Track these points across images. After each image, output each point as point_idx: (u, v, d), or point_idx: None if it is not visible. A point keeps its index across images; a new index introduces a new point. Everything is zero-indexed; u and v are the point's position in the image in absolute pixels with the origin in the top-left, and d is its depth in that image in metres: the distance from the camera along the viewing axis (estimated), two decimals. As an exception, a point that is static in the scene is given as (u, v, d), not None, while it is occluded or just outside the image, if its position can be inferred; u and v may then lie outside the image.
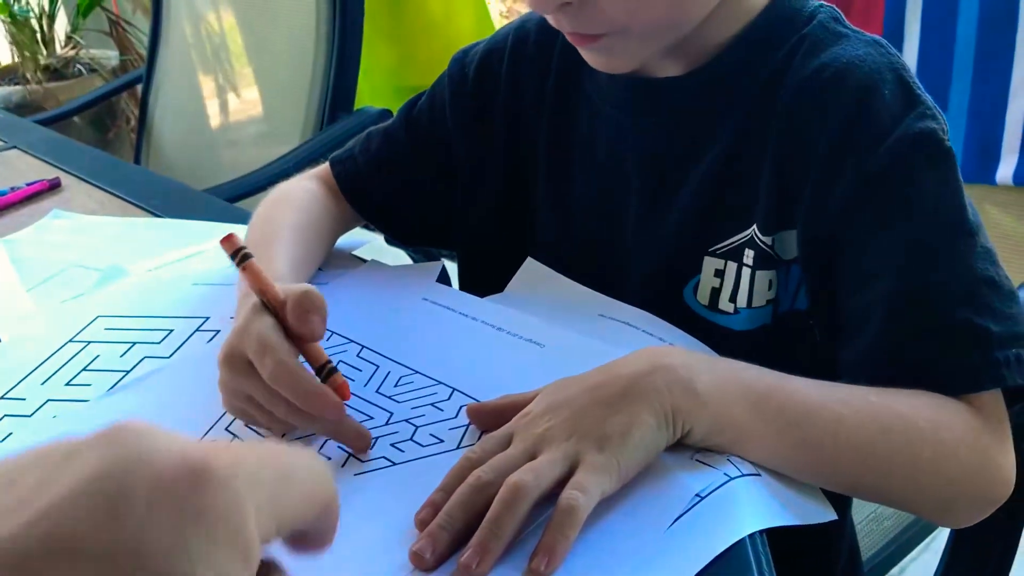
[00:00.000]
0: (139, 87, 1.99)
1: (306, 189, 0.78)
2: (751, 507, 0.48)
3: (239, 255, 0.56)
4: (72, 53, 2.98)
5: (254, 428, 0.58)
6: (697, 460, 0.50)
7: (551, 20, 0.60)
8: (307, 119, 1.63)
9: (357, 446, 0.55)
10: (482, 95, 0.75)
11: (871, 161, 0.57)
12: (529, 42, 0.74)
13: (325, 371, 0.55)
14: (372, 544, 0.48)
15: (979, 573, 0.90)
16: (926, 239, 0.56)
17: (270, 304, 0.56)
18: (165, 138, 1.97)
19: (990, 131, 1.25)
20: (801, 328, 0.63)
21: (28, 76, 2.90)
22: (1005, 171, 1.24)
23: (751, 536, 0.46)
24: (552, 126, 0.73)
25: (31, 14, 2.92)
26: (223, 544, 0.27)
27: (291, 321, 0.54)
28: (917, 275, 0.55)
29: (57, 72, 2.94)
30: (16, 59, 2.98)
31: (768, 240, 0.62)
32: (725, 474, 0.49)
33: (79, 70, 2.96)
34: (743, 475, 0.50)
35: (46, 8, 2.93)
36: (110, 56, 3.03)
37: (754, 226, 0.62)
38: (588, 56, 0.63)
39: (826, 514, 0.51)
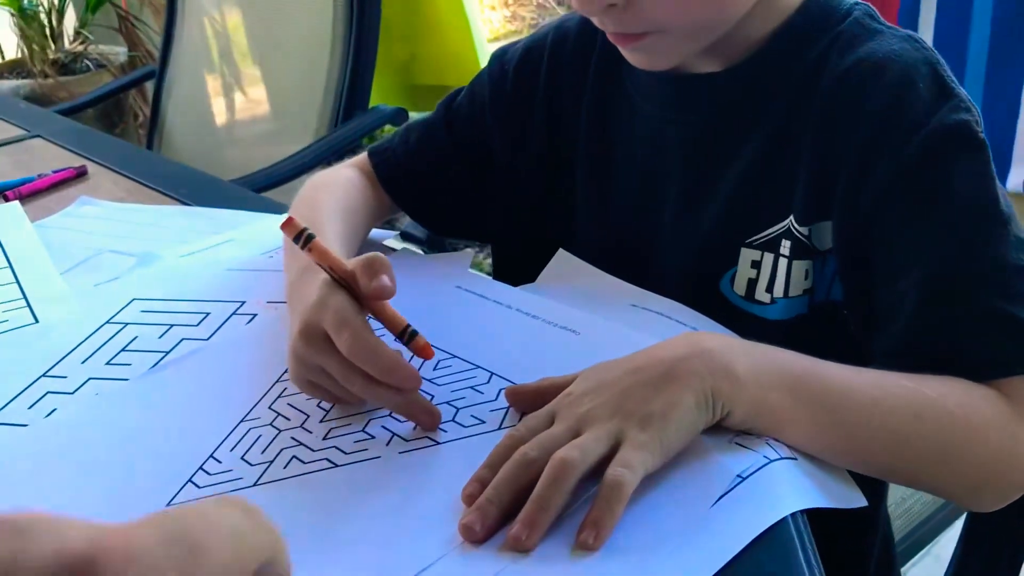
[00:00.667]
0: (148, 83, 2.00)
1: (347, 176, 0.79)
2: (790, 488, 0.49)
3: (303, 236, 0.57)
4: (81, 48, 2.99)
5: (294, 406, 0.59)
6: (736, 443, 0.51)
7: (595, 21, 0.62)
8: (321, 117, 1.64)
9: (425, 422, 0.56)
10: (522, 93, 0.77)
11: (905, 152, 0.58)
12: (569, 41, 0.75)
13: (407, 334, 0.57)
14: (420, 519, 0.49)
15: (992, 570, 0.91)
16: (959, 228, 0.57)
17: (341, 279, 0.57)
18: (177, 135, 1.97)
19: (1002, 139, 1.27)
20: (836, 318, 0.64)
21: (35, 70, 2.90)
22: (1016, 179, 1.26)
23: (793, 515, 0.47)
24: (592, 124, 0.74)
25: (40, 8, 2.93)
26: None
27: (362, 282, 0.55)
28: (950, 264, 0.57)
29: (65, 67, 2.95)
30: (23, 53, 2.98)
31: (805, 231, 0.63)
32: (764, 456, 0.51)
33: (87, 65, 2.97)
34: (781, 458, 0.51)
35: (55, 3, 2.94)
36: (118, 52, 3.03)
37: (791, 217, 0.64)
38: (629, 55, 0.64)
39: (857, 499, 0.53)
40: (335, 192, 0.76)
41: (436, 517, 0.49)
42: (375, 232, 0.82)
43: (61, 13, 2.97)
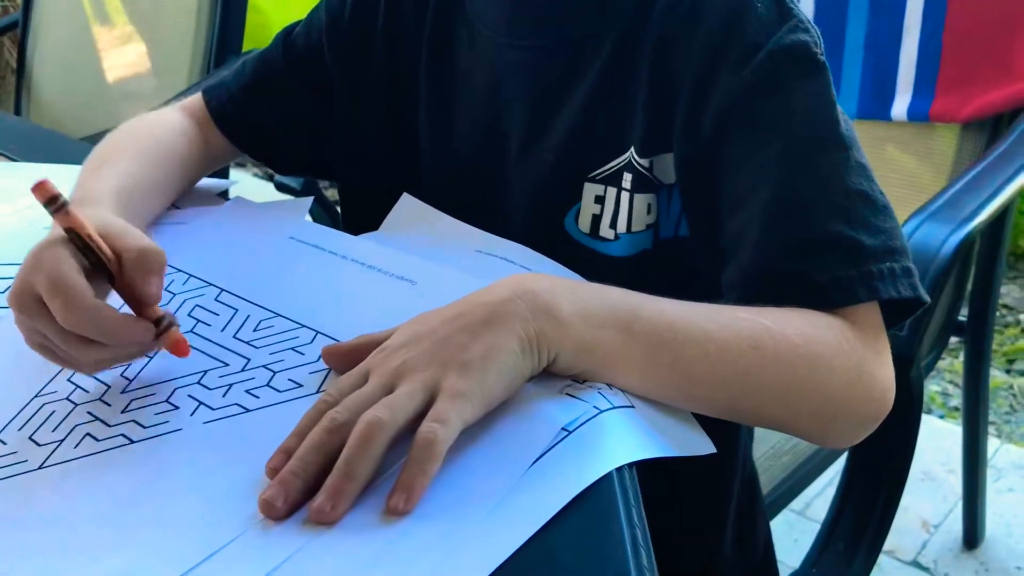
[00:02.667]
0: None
1: (163, 115, 0.74)
2: (621, 440, 0.46)
3: (56, 203, 0.51)
4: (-54, -1, 2.79)
5: (96, 377, 0.53)
6: (567, 393, 0.48)
7: None
8: (193, 64, 1.55)
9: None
10: (360, 23, 0.72)
11: (742, 75, 0.55)
12: None
13: (163, 326, 0.52)
14: (219, 497, 0.45)
15: (873, 501, 0.91)
16: (798, 153, 0.54)
17: (95, 251, 0.52)
18: (45, 87, 1.85)
19: (885, 67, 1.25)
20: (685, 255, 0.61)
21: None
22: (900, 107, 1.25)
23: (618, 470, 0.44)
24: (433, 55, 0.70)
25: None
26: None
27: (133, 282, 0.51)
28: (789, 189, 0.54)
29: (-70, 20, 2.75)
30: None
31: (645, 163, 0.60)
32: (595, 407, 0.47)
33: (-45, 17, 2.77)
34: (614, 407, 0.48)
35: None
36: (-11, 2, 2.84)
37: (632, 149, 0.61)
38: None
39: (704, 446, 0.50)
40: (143, 132, 0.70)
41: (237, 494, 0.44)
42: (205, 181, 0.76)
43: (-79, -39, 2.76)
